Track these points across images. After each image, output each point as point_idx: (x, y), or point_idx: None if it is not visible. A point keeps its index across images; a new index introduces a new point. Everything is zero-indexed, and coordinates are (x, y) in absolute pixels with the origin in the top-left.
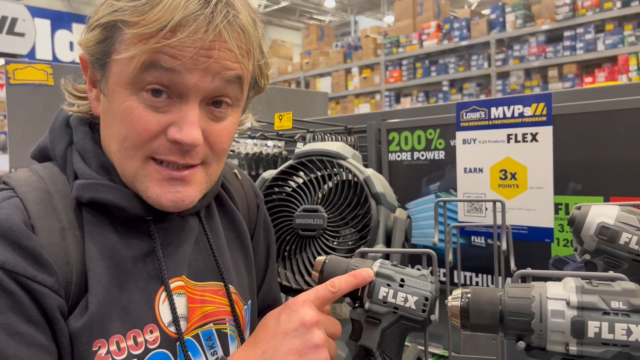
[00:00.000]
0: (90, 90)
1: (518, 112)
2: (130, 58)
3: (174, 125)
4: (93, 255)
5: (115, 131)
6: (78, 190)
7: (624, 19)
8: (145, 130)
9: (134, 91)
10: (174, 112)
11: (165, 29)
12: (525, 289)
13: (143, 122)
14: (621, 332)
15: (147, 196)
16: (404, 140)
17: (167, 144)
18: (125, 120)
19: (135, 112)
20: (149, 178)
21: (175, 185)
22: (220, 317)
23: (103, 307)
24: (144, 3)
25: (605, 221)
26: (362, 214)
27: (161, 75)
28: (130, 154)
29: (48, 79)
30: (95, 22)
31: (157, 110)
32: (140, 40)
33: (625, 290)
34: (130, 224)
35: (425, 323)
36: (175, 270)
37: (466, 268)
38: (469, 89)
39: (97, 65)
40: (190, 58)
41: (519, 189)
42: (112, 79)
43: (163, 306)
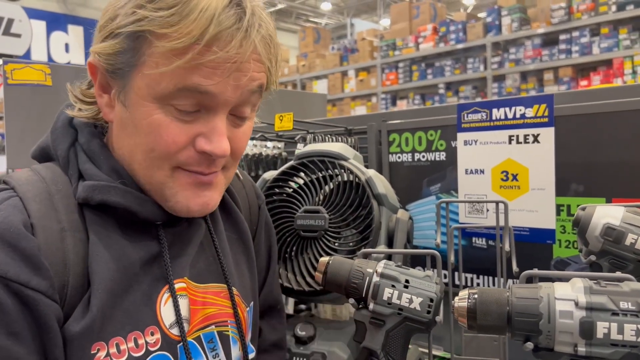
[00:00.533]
0: (101, 95)
1: (520, 114)
2: (160, 74)
3: (203, 136)
4: (101, 258)
5: (139, 142)
6: (87, 191)
7: (619, 22)
8: (174, 142)
9: (161, 104)
10: (202, 124)
11: (201, 44)
12: (532, 289)
13: (172, 134)
14: (630, 333)
15: (175, 201)
16: (404, 142)
17: (195, 154)
18: (152, 133)
19: (163, 125)
20: (178, 183)
21: (203, 190)
22: (222, 319)
23: (105, 309)
24: (172, 13)
25: (610, 222)
26: (364, 215)
27: (194, 96)
28: (158, 164)
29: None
30: (115, 30)
31: (184, 122)
32: (172, 55)
33: (634, 290)
34: (139, 227)
35: (430, 324)
36: (178, 272)
37: (467, 270)
38: (465, 92)
39: (115, 75)
40: (227, 76)
41: (521, 190)
42: (135, 92)
43: (165, 308)
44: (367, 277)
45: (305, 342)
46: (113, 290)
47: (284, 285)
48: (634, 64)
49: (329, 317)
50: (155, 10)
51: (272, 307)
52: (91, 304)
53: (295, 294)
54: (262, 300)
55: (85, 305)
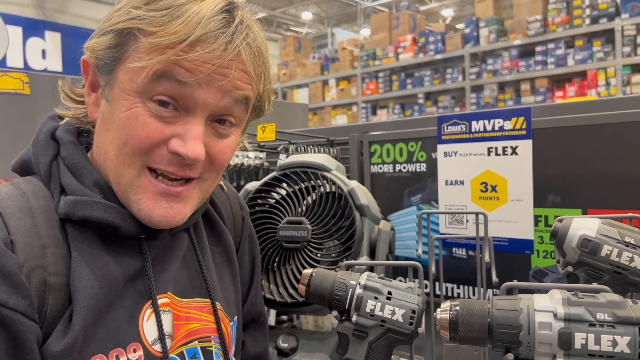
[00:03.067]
0: (89, 94)
1: (498, 126)
2: (142, 67)
3: (178, 137)
4: (84, 276)
5: (115, 136)
6: (69, 207)
7: (592, 35)
8: (147, 137)
9: (141, 99)
10: (179, 125)
11: (185, 42)
12: (513, 301)
13: (147, 129)
14: (607, 344)
15: (138, 208)
16: (385, 153)
17: (167, 154)
18: (127, 126)
19: (140, 118)
20: (143, 189)
21: (169, 201)
22: (205, 334)
23: (87, 328)
24: (164, 14)
25: (586, 234)
26: (347, 226)
27: (172, 87)
28: (128, 160)
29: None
30: (108, 27)
31: (162, 120)
32: (156, 50)
33: (610, 302)
34: (122, 242)
35: (412, 336)
36: (161, 287)
37: (448, 280)
38: (444, 102)
39: (102, 70)
40: (206, 75)
41: (500, 202)
42: (118, 86)
43: (147, 324)
44: (350, 289)
45: (287, 354)
46: (95, 308)
47: (266, 296)
48: (608, 76)
49: (311, 328)
50: (148, 11)
51: (255, 320)
52: (73, 322)
53: (278, 306)
54: (245, 312)
55: (66, 323)
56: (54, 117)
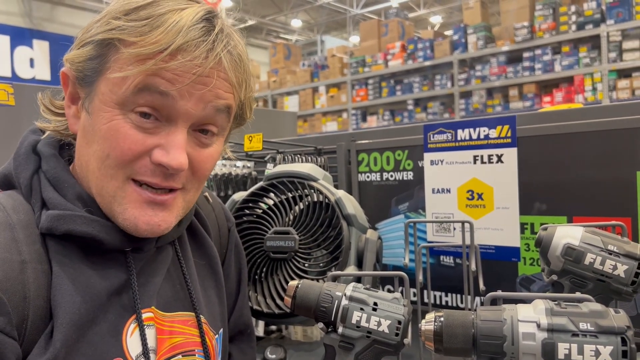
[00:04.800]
0: (69, 106)
1: (484, 134)
2: (123, 78)
3: (160, 148)
4: (65, 291)
5: (96, 149)
6: (51, 221)
7: (579, 41)
8: (129, 149)
9: (122, 111)
10: (161, 135)
11: (166, 51)
12: (496, 311)
13: (129, 140)
14: (590, 353)
15: (124, 218)
16: (373, 161)
17: (150, 165)
18: (109, 138)
19: (122, 130)
20: (127, 200)
21: (154, 209)
22: (189, 348)
23: (69, 343)
24: (144, 24)
25: (570, 242)
26: (334, 236)
27: (154, 99)
28: (111, 172)
29: (9, 98)
30: (88, 39)
31: (144, 131)
32: (137, 60)
33: (593, 311)
34: (106, 255)
35: (398, 347)
36: (145, 301)
37: (436, 288)
38: (433, 108)
39: (82, 82)
40: (187, 84)
41: (486, 209)
42: (99, 97)
43: (131, 339)
44: (336, 301)
45: None
46: (78, 323)
47: (254, 307)
48: (594, 81)
49: (299, 338)
50: (128, 21)
51: (242, 332)
52: (54, 339)
53: (265, 317)
54: (232, 324)
55: (47, 339)
56: (35, 131)
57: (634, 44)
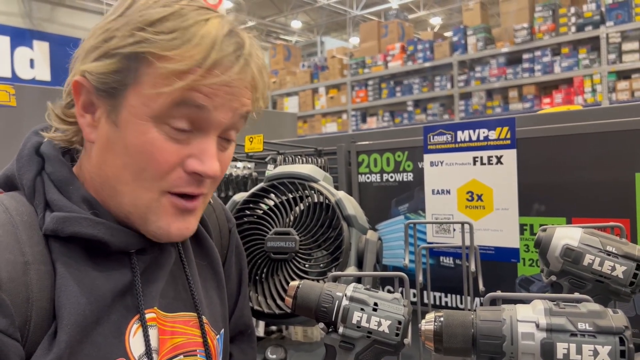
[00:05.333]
0: (82, 115)
1: (483, 136)
2: (158, 93)
3: (194, 157)
4: (70, 292)
5: (129, 162)
6: (57, 223)
7: (578, 43)
8: (166, 162)
9: (156, 124)
10: (194, 145)
11: (203, 66)
12: (496, 312)
13: (165, 154)
14: (588, 353)
15: (158, 226)
16: (373, 162)
17: (184, 175)
18: (145, 153)
19: (157, 144)
20: (162, 210)
21: (184, 217)
22: (190, 348)
23: (73, 344)
24: (173, 37)
25: (569, 243)
26: (334, 237)
27: (191, 112)
28: (147, 185)
29: (10, 99)
30: (112, 50)
31: (177, 142)
32: (174, 75)
33: (591, 311)
34: (110, 256)
35: (398, 347)
36: (148, 302)
37: (435, 288)
38: (433, 109)
39: (104, 93)
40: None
41: (486, 210)
42: (129, 110)
43: (134, 339)
44: (336, 301)
45: None
46: (82, 325)
47: (254, 308)
48: (594, 83)
49: (300, 338)
50: (155, 33)
51: (243, 332)
52: (58, 339)
53: (266, 317)
54: (232, 325)
55: (50, 340)
56: (38, 133)
57: (633, 46)
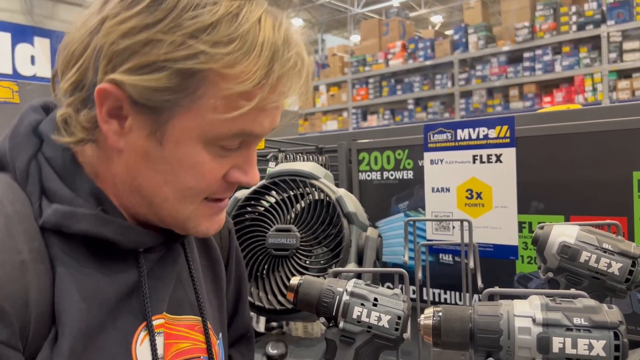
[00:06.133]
0: (107, 122)
1: (483, 134)
2: (218, 118)
3: (237, 168)
4: (72, 296)
5: (173, 179)
6: (61, 218)
7: (579, 41)
8: (214, 178)
9: (207, 145)
10: (237, 156)
11: (267, 84)
12: (493, 307)
13: (214, 172)
14: (583, 347)
15: (197, 231)
16: (373, 160)
17: (224, 184)
18: (195, 172)
19: (207, 165)
20: (200, 215)
21: (219, 215)
22: (195, 354)
23: (77, 352)
24: (234, 49)
25: (566, 240)
26: (335, 233)
27: (246, 140)
28: (191, 200)
29: (14, 96)
30: (160, 62)
31: (224, 157)
32: (240, 97)
33: (587, 307)
34: (115, 254)
35: (397, 341)
36: (156, 307)
37: (435, 285)
38: (434, 107)
39: (145, 108)
40: None
41: (485, 208)
42: (179, 131)
43: (141, 348)
44: (337, 296)
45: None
46: (86, 332)
47: (256, 304)
48: (594, 82)
49: (300, 334)
50: (213, 45)
51: (244, 335)
52: (60, 347)
53: (267, 313)
54: (234, 329)
55: (51, 346)
56: (37, 109)
57: (634, 45)
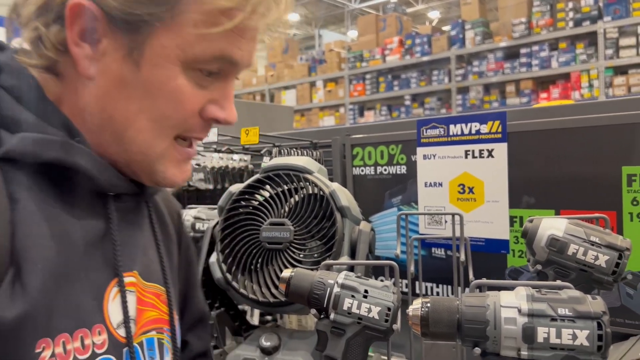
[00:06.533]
0: (78, 44)
1: (475, 129)
2: (198, 36)
3: (214, 103)
4: (39, 234)
5: (149, 107)
6: (31, 146)
7: (575, 38)
8: (192, 109)
9: (186, 69)
10: (215, 89)
11: (247, 5)
12: (480, 298)
13: (193, 102)
14: (567, 337)
15: (164, 177)
16: (367, 155)
17: (201, 121)
18: (173, 99)
19: (186, 90)
20: (170, 159)
21: (187, 164)
22: (160, 325)
23: (48, 293)
24: None
25: (555, 233)
26: (328, 227)
27: (225, 66)
28: (166, 132)
29: None
30: None
31: (202, 87)
32: (221, 14)
33: (571, 297)
34: (85, 198)
35: (387, 332)
36: (127, 263)
37: (427, 279)
38: (431, 103)
39: (123, 26)
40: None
41: (477, 203)
42: (158, 50)
43: (113, 304)
44: (328, 288)
45: (270, 353)
46: (55, 273)
47: (250, 296)
48: (590, 78)
49: (294, 327)
50: None
51: (201, 319)
52: (28, 285)
53: (261, 305)
54: (189, 315)
55: (10, 287)
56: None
57: (630, 41)
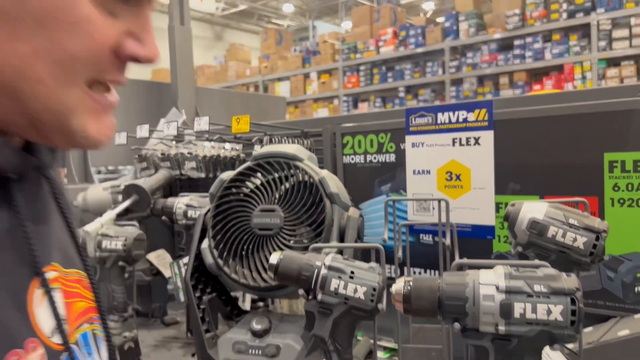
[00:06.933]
0: None
1: (462, 118)
2: None
3: (131, 36)
4: None
5: (47, 47)
6: None
7: (569, 29)
8: (104, 43)
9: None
10: (128, 18)
11: None
12: (460, 276)
13: (104, 32)
14: (542, 312)
15: (84, 136)
16: (357, 144)
17: (116, 61)
18: (78, 32)
19: (94, 19)
20: (87, 111)
21: (108, 116)
22: (90, 314)
23: None
24: None
25: (535, 216)
26: (317, 213)
27: None
28: (73, 78)
29: None
30: None
31: (112, 15)
32: None
33: (547, 275)
34: None
35: (373, 312)
36: (45, 256)
37: (415, 264)
38: (424, 95)
39: None
40: None
41: (463, 190)
42: None
43: (40, 309)
44: (315, 269)
45: (260, 335)
46: None
47: (241, 281)
48: (584, 69)
49: (285, 312)
50: None
51: None
52: None
53: (252, 290)
54: None
55: None
56: None
57: (623, 33)
